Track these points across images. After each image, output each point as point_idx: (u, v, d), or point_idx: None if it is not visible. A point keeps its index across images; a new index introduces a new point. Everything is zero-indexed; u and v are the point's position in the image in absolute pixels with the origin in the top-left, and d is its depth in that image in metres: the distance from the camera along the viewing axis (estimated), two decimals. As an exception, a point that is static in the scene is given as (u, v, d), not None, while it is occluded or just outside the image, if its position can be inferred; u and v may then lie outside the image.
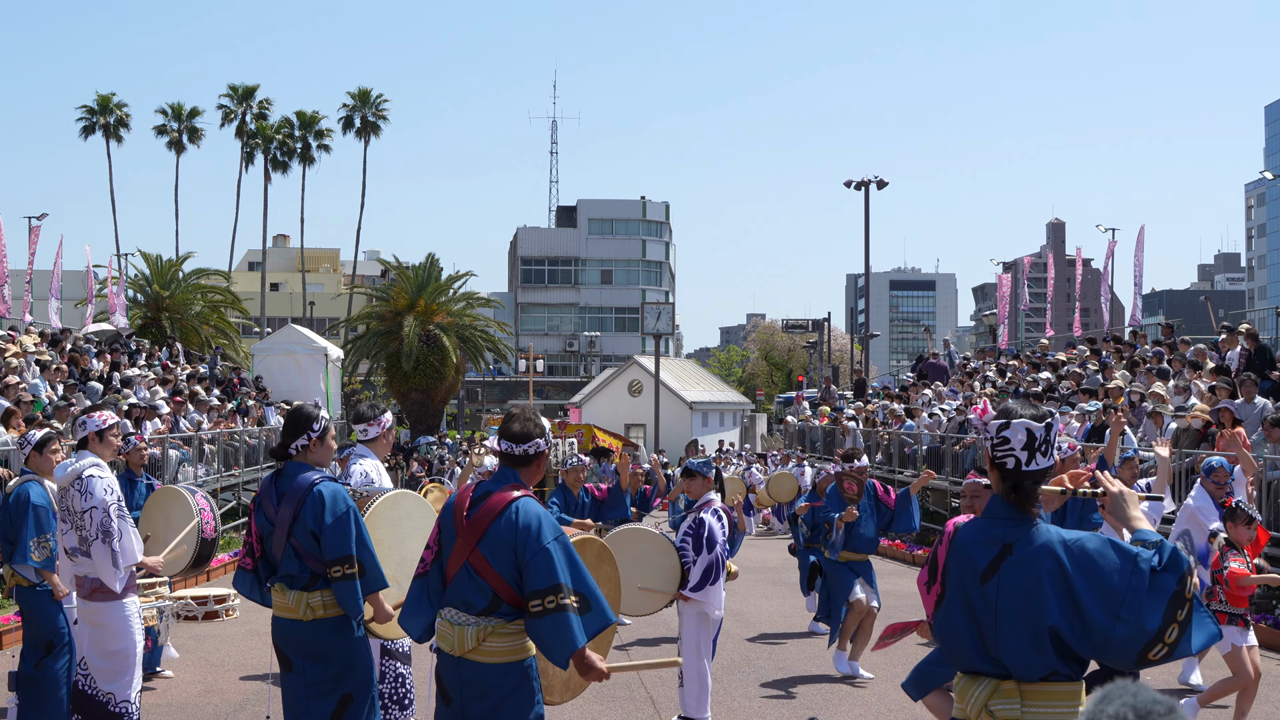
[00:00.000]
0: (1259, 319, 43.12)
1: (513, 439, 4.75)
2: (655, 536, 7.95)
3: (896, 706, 8.76)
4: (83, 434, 6.54)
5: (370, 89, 60.72)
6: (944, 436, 21.21)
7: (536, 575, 4.44)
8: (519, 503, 4.58)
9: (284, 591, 5.40)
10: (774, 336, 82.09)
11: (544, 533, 4.50)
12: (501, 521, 4.55)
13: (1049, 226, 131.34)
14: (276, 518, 5.40)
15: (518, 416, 4.82)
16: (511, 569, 4.51)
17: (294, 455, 5.49)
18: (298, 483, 5.37)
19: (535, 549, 4.47)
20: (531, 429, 4.77)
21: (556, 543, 4.50)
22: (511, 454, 4.76)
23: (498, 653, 4.55)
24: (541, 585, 4.43)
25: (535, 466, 4.81)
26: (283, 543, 5.38)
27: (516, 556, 4.50)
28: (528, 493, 4.68)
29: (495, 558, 4.53)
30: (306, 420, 5.53)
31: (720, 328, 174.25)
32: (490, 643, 4.54)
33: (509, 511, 4.55)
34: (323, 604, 5.33)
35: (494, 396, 72.36)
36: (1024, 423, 3.56)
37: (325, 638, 5.35)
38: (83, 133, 57.93)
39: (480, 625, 4.54)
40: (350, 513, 5.35)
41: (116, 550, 6.27)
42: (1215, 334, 20.00)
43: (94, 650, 6.39)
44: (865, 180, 37.33)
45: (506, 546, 4.51)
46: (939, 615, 3.64)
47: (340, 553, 5.28)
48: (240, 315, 45.80)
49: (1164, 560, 3.33)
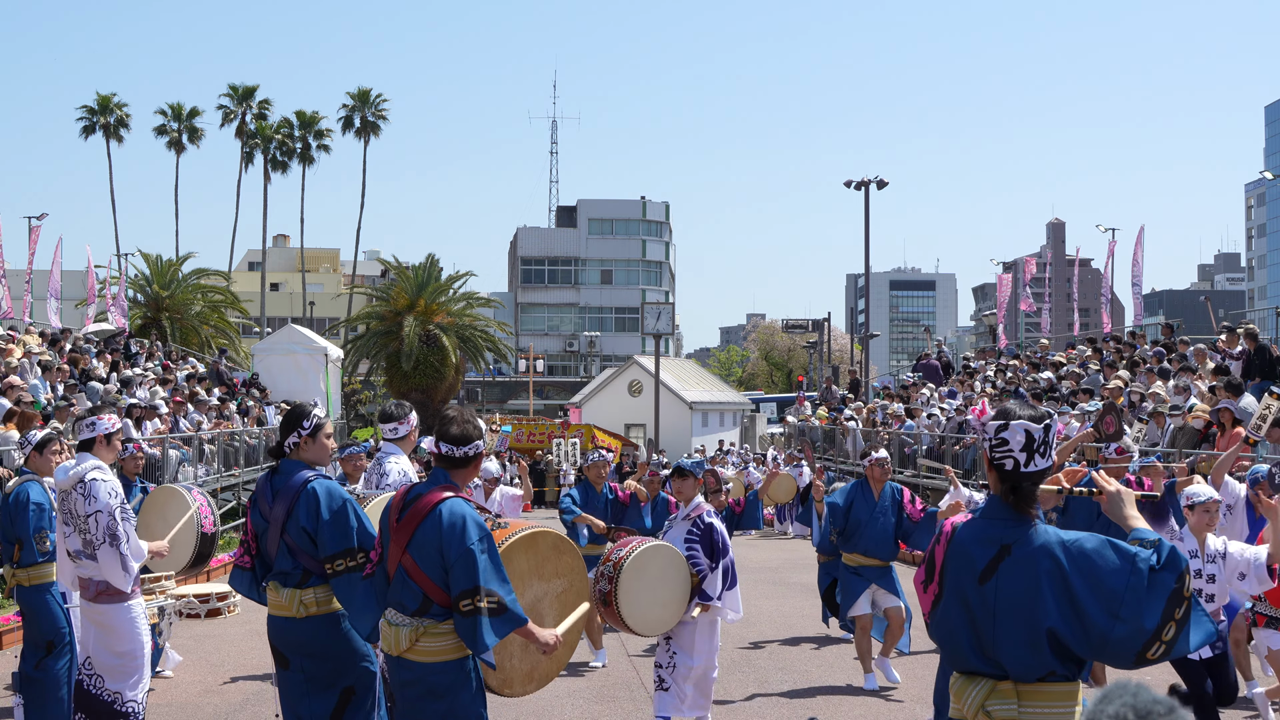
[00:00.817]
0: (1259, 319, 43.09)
1: (453, 442, 4.78)
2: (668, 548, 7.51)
3: (896, 706, 8.77)
4: (89, 435, 6.52)
5: (370, 89, 60.76)
6: (943, 436, 21.21)
7: (460, 577, 4.52)
8: (446, 504, 4.62)
9: (278, 589, 5.42)
10: (774, 336, 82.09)
11: (469, 534, 4.54)
12: (428, 523, 4.61)
13: (1049, 226, 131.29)
14: (271, 515, 5.42)
15: (455, 419, 4.81)
16: (439, 570, 4.57)
17: (288, 453, 5.51)
18: (292, 481, 5.39)
19: (460, 551, 4.52)
20: (471, 431, 4.80)
21: (480, 543, 4.55)
22: (451, 456, 4.78)
23: (432, 652, 4.63)
24: (465, 586, 4.51)
25: (471, 468, 4.86)
26: (276, 540, 5.40)
27: (443, 558, 4.56)
28: (458, 494, 4.71)
29: (423, 559, 4.60)
30: (299, 417, 5.55)
31: (720, 328, 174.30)
32: (424, 643, 4.63)
33: (436, 513, 4.61)
34: (315, 601, 5.34)
35: (494, 396, 72.36)
36: (1022, 424, 3.55)
37: (320, 634, 5.37)
38: (83, 133, 57.95)
39: (413, 626, 4.63)
40: (348, 505, 5.36)
41: (125, 553, 6.26)
42: (1215, 334, 20.01)
43: (101, 651, 6.38)
44: (865, 180, 37.32)
45: (433, 548, 4.58)
46: (936, 615, 3.64)
47: (339, 546, 5.27)
48: (240, 315, 45.80)
49: (1162, 559, 3.34)
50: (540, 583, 5.19)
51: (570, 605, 5.28)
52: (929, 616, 3.69)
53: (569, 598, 5.31)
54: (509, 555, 5.00)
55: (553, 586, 5.24)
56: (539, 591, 5.19)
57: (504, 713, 8.24)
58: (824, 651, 11.05)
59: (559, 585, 5.26)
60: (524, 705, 8.47)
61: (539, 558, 5.19)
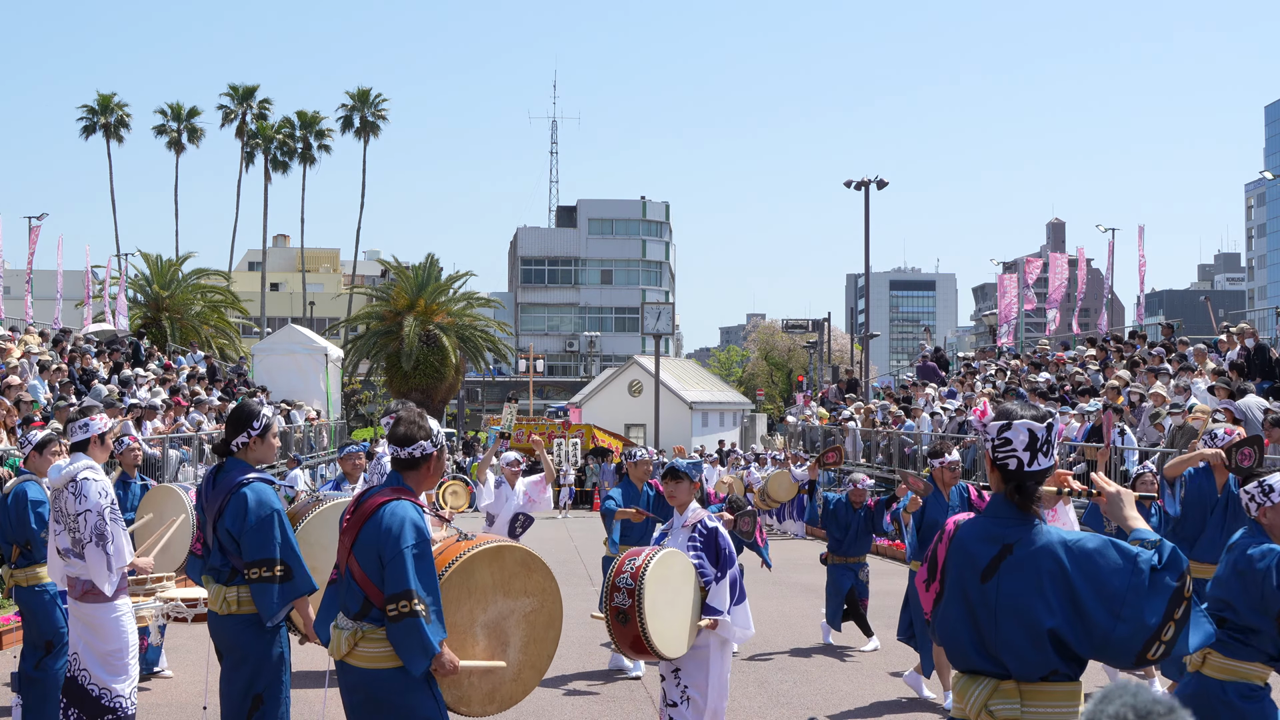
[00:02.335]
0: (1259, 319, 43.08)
1: (397, 442, 4.65)
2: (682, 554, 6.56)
3: (896, 706, 8.76)
4: (82, 437, 6.53)
5: (370, 89, 60.83)
6: (943, 436, 21.21)
7: (391, 579, 4.42)
8: (388, 505, 4.53)
9: (209, 583, 5.53)
10: (774, 336, 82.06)
11: (404, 536, 4.44)
12: (370, 525, 4.52)
13: (1049, 226, 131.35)
14: (207, 509, 5.51)
15: (402, 419, 4.68)
16: (378, 572, 4.48)
17: (235, 452, 5.53)
18: (230, 480, 5.44)
19: (393, 552, 4.43)
20: (415, 431, 4.65)
21: (414, 548, 4.44)
22: (397, 458, 4.68)
23: (371, 658, 4.51)
24: (395, 589, 4.40)
25: (424, 470, 4.70)
26: (212, 535, 5.49)
27: (380, 560, 4.47)
28: (406, 497, 4.59)
29: (365, 561, 4.51)
30: (248, 417, 5.55)
31: (720, 328, 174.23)
32: (363, 648, 4.53)
33: (378, 515, 4.52)
34: (238, 600, 5.41)
35: (494, 396, 72.36)
36: (1025, 423, 3.55)
37: (239, 634, 5.43)
38: (83, 133, 58.04)
39: (352, 629, 4.54)
40: (275, 515, 5.37)
41: (110, 554, 6.28)
42: (1215, 334, 20.01)
43: (87, 649, 6.41)
44: (865, 180, 37.31)
45: (373, 550, 4.49)
46: (937, 613, 3.64)
47: (260, 555, 5.31)
48: (240, 315, 45.85)
49: (1164, 559, 3.34)
50: (506, 599, 4.94)
51: (540, 626, 5.04)
52: (931, 615, 3.69)
53: (539, 618, 5.05)
54: (470, 568, 4.80)
55: (520, 604, 4.98)
56: (504, 609, 4.93)
57: (504, 715, 8.23)
58: (823, 652, 11.04)
59: (527, 604, 5.00)
60: (524, 706, 8.44)
61: (505, 573, 4.94)
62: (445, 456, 4.84)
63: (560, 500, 35.26)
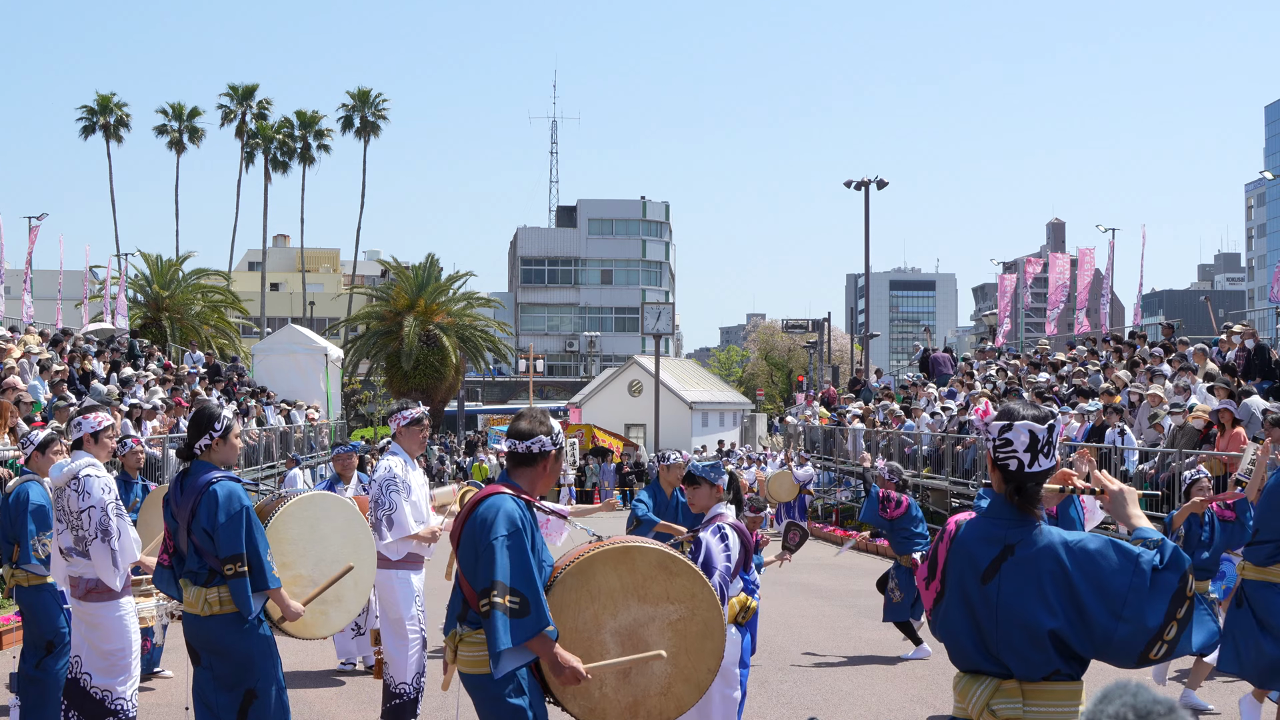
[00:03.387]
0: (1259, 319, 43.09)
1: (517, 436, 4.56)
2: None
3: (896, 706, 8.76)
4: (78, 435, 6.56)
5: (370, 89, 60.84)
6: (944, 436, 21.21)
7: (481, 574, 4.25)
8: (486, 501, 4.40)
9: (187, 587, 5.58)
10: (774, 336, 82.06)
11: (494, 528, 4.27)
12: (469, 523, 4.41)
13: (1049, 226, 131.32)
14: (179, 515, 5.56)
15: (525, 414, 4.65)
16: (473, 570, 4.32)
17: (199, 455, 5.63)
18: (198, 481, 5.52)
19: (484, 544, 4.26)
20: (536, 427, 4.57)
21: (507, 539, 4.25)
22: (514, 451, 4.57)
23: (471, 662, 4.36)
24: (483, 584, 4.22)
25: (539, 468, 4.58)
26: (185, 540, 5.55)
27: (475, 555, 4.33)
28: (507, 491, 4.45)
29: (464, 561, 4.39)
30: (209, 420, 5.65)
31: (720, 328, 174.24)
32: (464, 651, 4.38)
33: (476, 511, 4.40)
34: (219, 600, 5.48)
35: (494, 396, 72.36)
36: (1026, 424, 3.55)
37: (222, 633, 5.49)
38: (83, 133, 58.02)
39: (453, 633, 4.43)
40: (244, 511, 5.47)
41: (116, 549, 6.29)
42: (1215, 334, 20.01)
43: (89, 649, 6.42)
44: (865, 180, 37.33)
45: (470, 547, 4.37)
46: (938, 613, 3.65)
47: (231, 551, 5.41)
48: (240, 315, 45.89)
49: (1165, 559, 3.34)
50: (643, 605, 4.56)
51: (693, 636, 4.61)
52: (931, 614, 3.69)
53: (690, 627, 4.60)
54: (590, 569, 4.51)
55: (663, 611, 4.58)
56: (640, 615, 4.56)
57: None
58: (824, 652, 11.04)
59: (673, 611, 4.59)
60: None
61: (638, 576, 4.57)
62: (563, 460, 4.74)
63: (560, 500, 35.32)
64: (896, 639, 11.12)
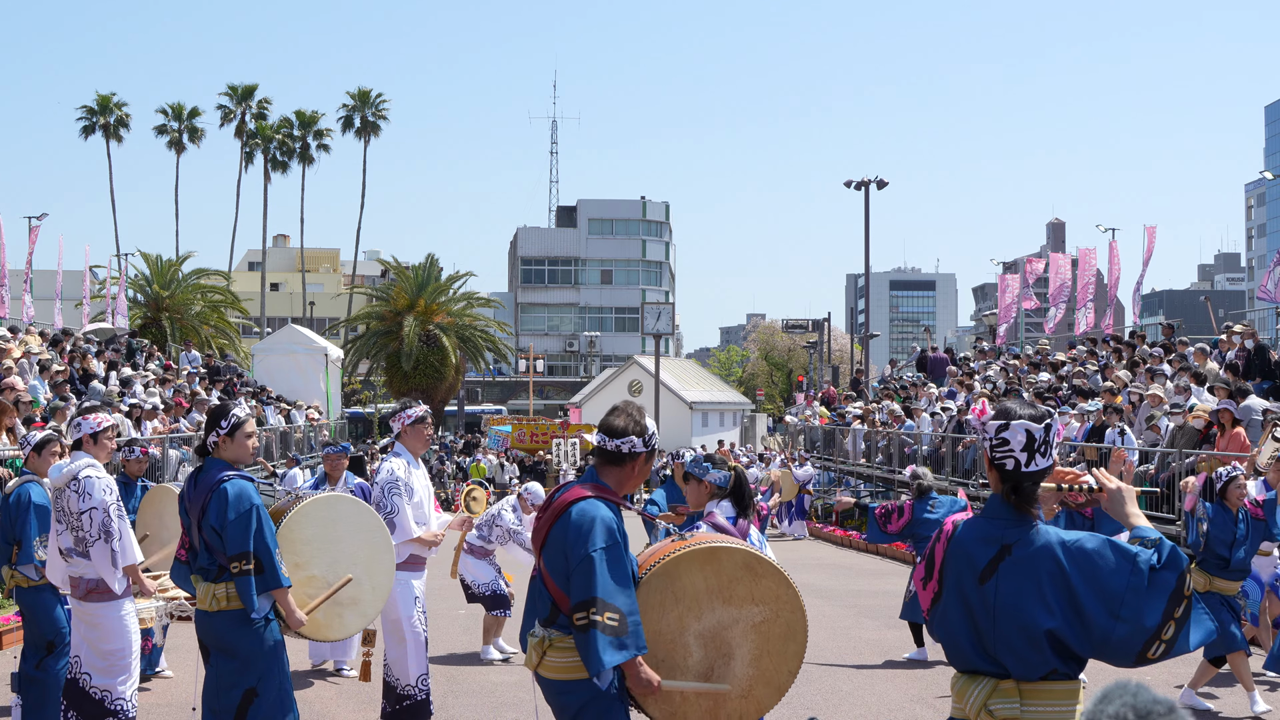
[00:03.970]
0: (1259, 319, 43.09)
1: (608, 432, 4.38)
2: None
3: (896, 706, 8.75)
4: (77, 435, 6.56)
5: (370, 89, 60.91)
6: (944, 436, 21.22)
7: (577, 585, 4.14)
8: (579, 504, 4.25)
9: (198, 583, 5.61)
10: (774, 336, 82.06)
11: (592, 539, 4.14)
12: (559, 525, 4.26)
13: (1049, 226, 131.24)
14: (191, 510, 5.59)
15: (621, 411, 4.44)
16: (565, 576, 4.21)
17: (211, 451, 5.65)
18: (209, 479, 5.54)
19: (581, 555, 4.13)
20: (630, 425, 4.37)
21: (606, 550, 4.13)
22: (602, 448, 4.39)
23: (559, 668, 4.25)
24: (581, 597, 4.12)
25: (628, 469, 4.40)
26: (197, 536, 5.58)
27: (568, 563, 4.20)
28: (600, 494, 4.31)
29: (552, 564, 4.26)
30: (218, 416, 5.68)
31: (720, 328, 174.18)
32: (551, 657, 4.26)
33: (567, 514, 4.25)
34: (226, 596, 5.49)
35: (494, 396, 72.38)
36: (1023, 424, 3.54)
37: (228, 630, 5.50)
38: (83, 133, 58.08)
39: (540, 637, 4.29)
40: (254, 510, 5.48)
41: (116, 550, 6.30)
42: (1215, 334, 20.00)
43: (89, 649, 6.42)
44: (865, 180, 37.32)
45: (560, 552, 4.23)
46: (935, 613, 3.64)
47: (238, 549, 5.42)
48: (240, 315, 45.88)
49: (1163, 558, 3.34)
50: (727, 607, 4.48)
51: (776, 638, 4.54)
52: (928, 614, 3.69)
53: (773, 629, 4.53)
54: (676, 570, 4.42)
55: (747, 613, 4.51)
56: (724, 617, 4.47)
57: (504, 713, 8.24)
58: (824, 652, 11.04)
59: (757, 613, 4.52)
60: (524, 705, 8.46)
61: (723, 577, 4.48)
62: (653, 462, 4.50)
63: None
64: (896, 639, 11.13)
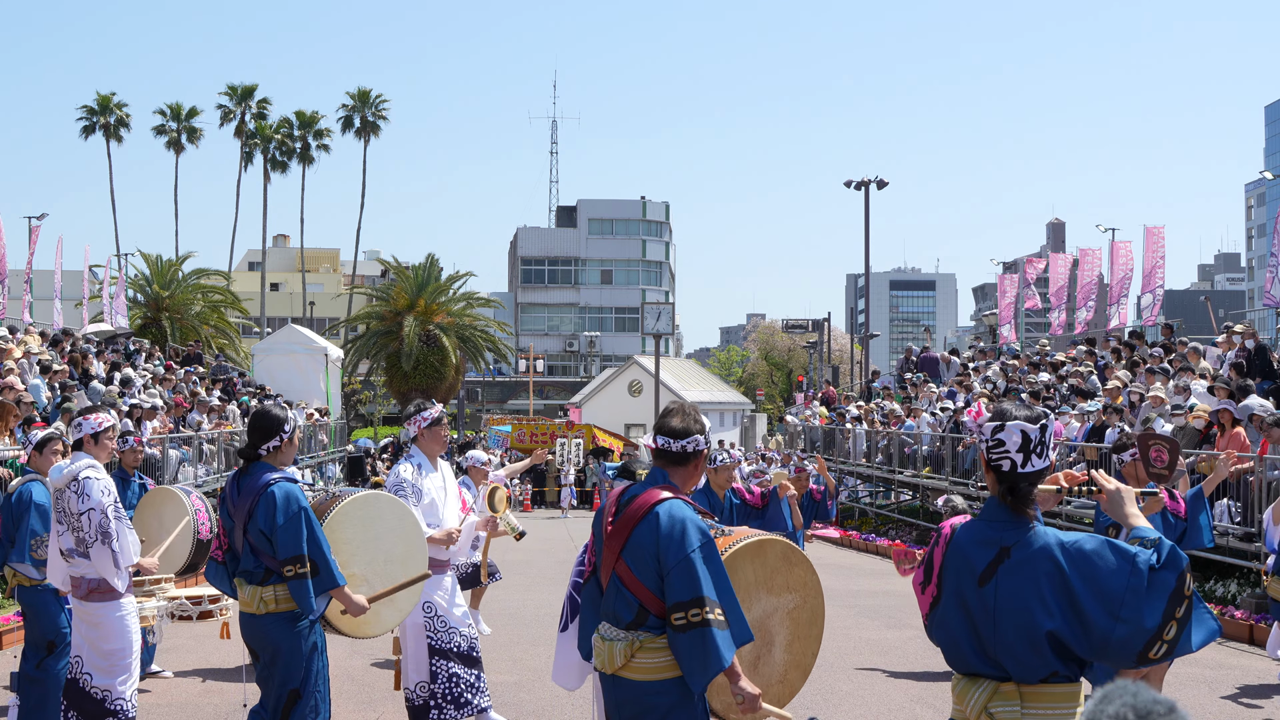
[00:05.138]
0: (1259, 319, 43.08)
1: (670, 434, 4.43)
2: None
3: (896, 706, 8.75)
4: (78, 435, 6.57)
5: (370, 89, 60.83)
6: (944, 436, 21.21)
7: (678, 586, 4.17)
8: (663, 505, 4.29)
9: (242, 586, 5.62)
10: (774, 336, 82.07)
11: (688, 539, 4.19)
12: (644, 527, 4.28)
13: (1049, 226, 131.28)
14: (235, 514, 5.58)
15: (678, 411, 4.52)
16: (655, 578, 4.24)
17: (263, 456, 5.64)
18: (256, 482, 5.54)
19: (678, 557, 4.18)
20: (692, 425, 4.46)
21: (701, 550, 4.20)
22: (668, 450, 4.44)
23: (650, 669, 4.26)
24: (683, 597, 4.14)
25: (692, 467, 4.48)
26: (241, 539, 5.58)
27: (659, 564, 4.22)
28: (677, 495, 4.37)
29: (639, 566, 4.27)
30: (279, 423, 5.67)
31: (720, 328, 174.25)
32: (640, 658, 4.27)
33: (652, 515, 4.27)
34: (275, 599, 5.50)
35: (494, 396, 72.40)
36: (1019, 425, 3.55)
37: (275, 632, 5.53)
38: (83, 133, 58.03)
39: (628, 640, 4.28)
40: (302, 513, 5.48)
41: (116, 551, 6.31)
42: (1215, 334, 20.00)
43: (90, 649, 6.43)
44: (865, 180, 37.32)
45: (649, 554, 4.25)
46: (934, 617, 3.64)
47: (292, 552, 5.42)
48: (240, 315, 45.84)
49: (1163, 558, 3.33)
50: (769, 597, 4.63)
51: (803, 623, 4.69)
52: (927, 618, 3.69)
53: (801, 615, 4.71)
54: (733, 564, 4.55)
55: (783, 601, 4.67)
56: (767, 606, 4.64)
57: (504, 711, 8.23)
58: (824, 652, 11.03)
59: (790, 600, 4.68)
60: (525, 705, 8.47)
61: (767, 568, 4.65)
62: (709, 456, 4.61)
63: (562, 500, 35.29)
64: (896, 639, 11.13)
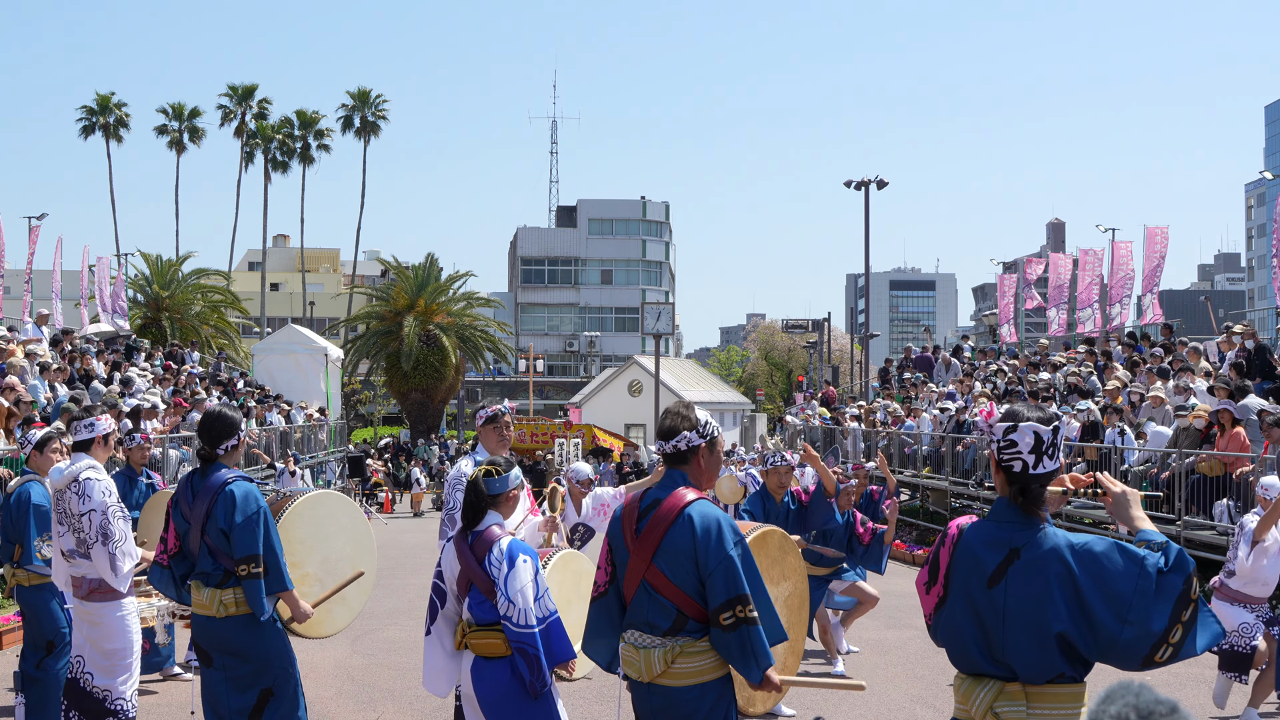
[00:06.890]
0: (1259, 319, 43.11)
1: (661, 436, 4.44)
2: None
3: (896, 706, 8.75)
4: (87, 436, 6.56)
5: (370, 89, 60.82)
6: (944, 436, 21.21)
7: (722, 586, 4.15)
8: (693, 507, 4.27)
9: (199, 588, 5.59)
10: (774, 336, 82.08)
11: (725, 539, 4.19)
12: (677, 531, 4.24)
13: (1049, 226, 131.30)
14: (191, 515, 5.57)
15: (669, 412, 4.50)
16: (694, 581, 4.20)
17: (220, 456, 5.67)
18: (213, 481, 5.55)
19: (719, 559, 4.16)
20: (680, 423, 4.40)
21: (738, 548, 4.20)
22: (663, 452, 4.45)
23: (690, 674, 4.25)
24: (729, 596, 4.14)
25: (695, 464, 4.43)
26: (198, 540, 5.57)
27: (698, 567, 4.19)
28: (701, 495, 4.35)
29: (674, 571, 4.23)
30: (235, 424, 5.74)
31: (720, 328, 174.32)
32: (681, 663, 4.25)
33: (684, 519, 4.24)
34: (234, 601, 5.51)
35: (494, 397, 72.36)
36: (1031, 425, 3.54)
37: (239, 634, 5.51)
38: (83, 133, 58.00)
39: (667, 646, 4.25)
40: (261, 513, 5.51)
41: (115, 552, 6.30)
42: (1215, 334, 20.00)
43: (91, 648, 6.44)
44: (865, 180, 37.33)
45: (685, 557, 4.21)
46: (940, 617, 3.63)
47: (247, 551, 5.44)
48: (240, 315, 45.88)
49: (1170, 561, 3.33)
50: (772, 587, 4.66)
51: (795, 609, 4.73)
52: (931, 618, 3.67)
53: (794, 601, 4.77)
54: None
55: (781, 590, 4.74)
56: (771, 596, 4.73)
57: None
58: (822, 652, 11.03)
59: (787, 588, 4.75)
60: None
61: (769, 559, 4.69)
62: (720, 450, 4.52)
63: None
64: (896, 639, 11.13)
